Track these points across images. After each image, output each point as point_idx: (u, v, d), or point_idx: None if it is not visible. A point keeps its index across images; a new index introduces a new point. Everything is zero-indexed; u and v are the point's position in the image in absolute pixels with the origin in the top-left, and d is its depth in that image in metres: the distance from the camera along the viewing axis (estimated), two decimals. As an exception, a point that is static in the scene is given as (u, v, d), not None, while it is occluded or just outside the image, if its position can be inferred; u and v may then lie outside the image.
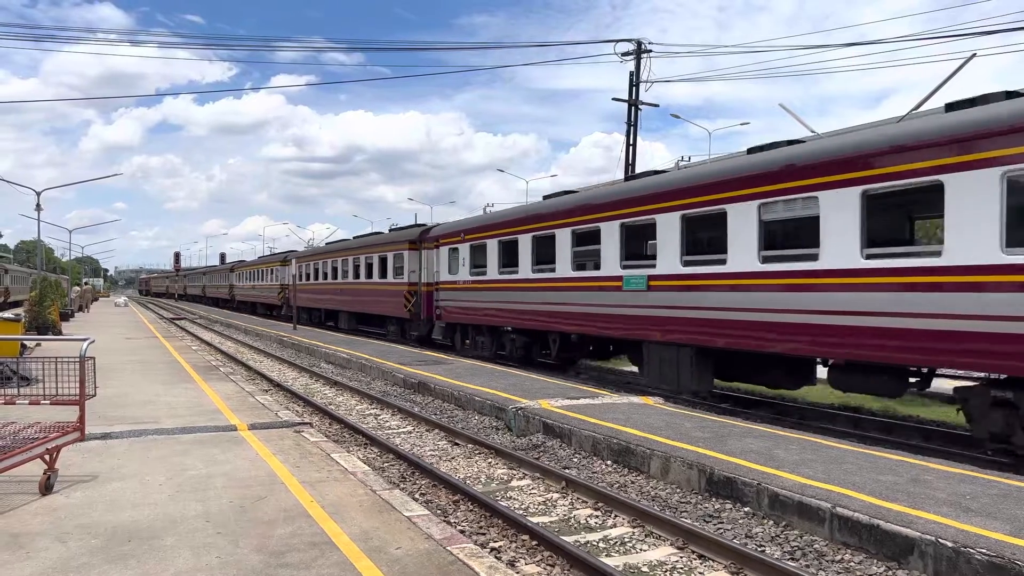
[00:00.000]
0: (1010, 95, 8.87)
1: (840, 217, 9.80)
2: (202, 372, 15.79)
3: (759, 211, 11.10)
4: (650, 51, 26.46)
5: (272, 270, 44.51)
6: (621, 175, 26.24)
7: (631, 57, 26.41)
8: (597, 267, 14.93)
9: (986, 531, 5.61)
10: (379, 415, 13.18)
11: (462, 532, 6.47)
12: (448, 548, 5.19)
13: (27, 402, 7.14)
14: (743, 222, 11.33)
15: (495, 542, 6.49)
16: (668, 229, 12.84)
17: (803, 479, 7.16)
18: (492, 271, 19.14)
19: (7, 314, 20.36)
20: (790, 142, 11.66)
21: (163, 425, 9.54)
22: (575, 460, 9.41)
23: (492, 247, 19.15)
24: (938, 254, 8.91)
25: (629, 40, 26.67)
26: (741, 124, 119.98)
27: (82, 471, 7.13)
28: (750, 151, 12.45)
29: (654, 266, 13.26)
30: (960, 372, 9.69)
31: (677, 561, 6.14)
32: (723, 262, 11.79)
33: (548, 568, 5.91)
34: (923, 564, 5.54)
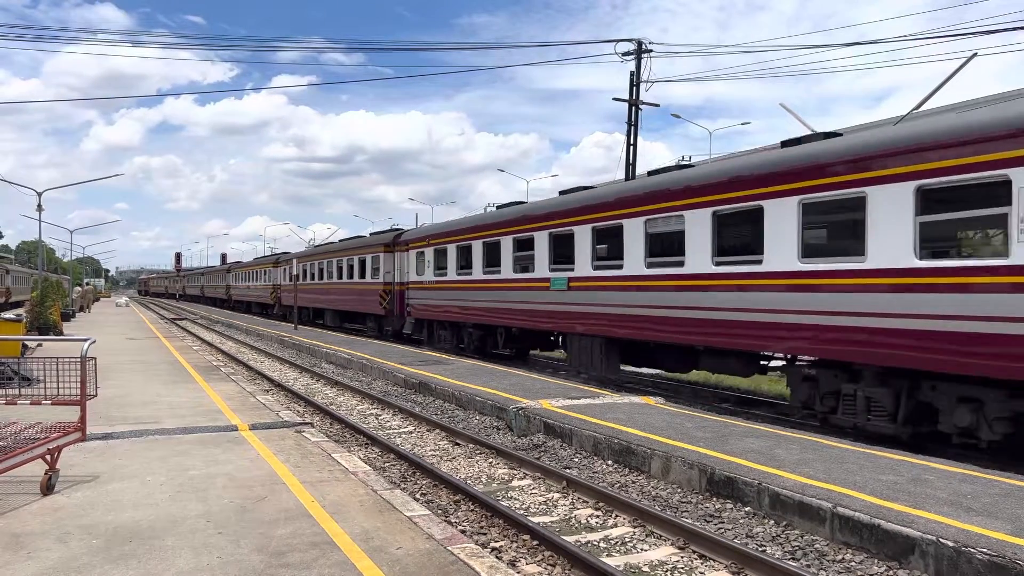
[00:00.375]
0: (828, 135, 11.30)
1: (698, 232, 12.37)
2: (203, 372, 15.80)
3: (646, 226, 13.66)
4: (651, 51, 26.45)
5: (266, 271, 46.63)
6: (622, 175, 26.28)
7: (632, 57, 26.40)
8: (532, 270, 17.40)
9: (987, 531, 5.61)
10: (380, 415, 13.19)
11: (463, 532, 6.47)
12: (449, 548, 5.19)
13: (28, 402, 7.14)
14: (635, 234, 13.85)
15: (496, 542, 6.49)
16: (583, 238, 15.43)
17: (804, 479, 7.16)
18: (451, 273, 21.61)
19: (9, 314, 20.39)
20: (680, 166, 14.83)
21: (164, 425, 9.55)
22: (576, 460, 9.41)
23: (451, 251, 21.67)
24: (759, 262, 11.25)
25: (630, 40, 26.67)
26: (742, 124, 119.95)
27: (83, 471, 7.14)
28: (650, 173, 15.22)
29: (573, 269, 15.73)
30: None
31: (678, 561, 6.14)
32: (621, 267, 14.26)
33: (549, 568, 5.92)
34: (924, 564, 5.54)
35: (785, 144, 11.91)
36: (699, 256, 12.30)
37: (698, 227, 12.32)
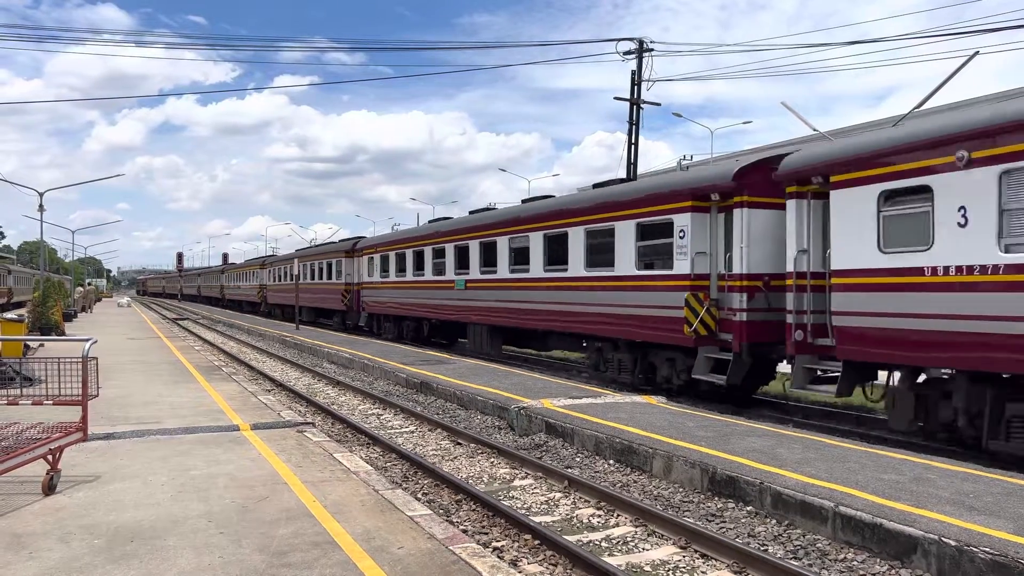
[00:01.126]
0: (623, 180, 17.90)
1: (536, 247, 17.44)
2: (204, 372, 15.81)
3: (510, 242, 18.67)
4: (652, 50, 26.46)
5: (254, 272, 52.19)
6: (623, 173, 26.31)
7: (633, 56, 26.40)
8: (444, 274, 22.38)
9: (989, 530, 5.60)
10: (382, 415, 13.19)
11: (464, 532, 6.46)
12: (450, 548, 5.19)
13: (30, 402, 7.14)
14: (504, 248, 18.92)
15: (497, 542, 6.49)
16: (475, 250, 20.43)
17: (806, 478, 7.15)
18: (392, 275, 26.60)
19: (10, 315, 20.40)
20: (535, 198, 20.03)
21: (166, 425, 9.55)
22: (578, 459, 9.41)
23: (392, 258, 26.63)
24: (566, 269, 16.29)
25: (631, 39, 26.69)
26: (743, 123, 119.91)
27: (85, 471, 7.14)
28: (525, 200, 20.08)
29: (468, 273, 20.78)
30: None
31: (680, 560, 6.14)
32: (495, 272, 19.34)
33: (551, 567, 5.91)
34: (926, 563, 5.53)
35: (597, 185, 17.31)
36: (537, 265, 17.38)
37: (538, 244, 17.44)
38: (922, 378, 9.81)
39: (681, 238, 12.97)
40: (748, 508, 7.15)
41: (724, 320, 12.53)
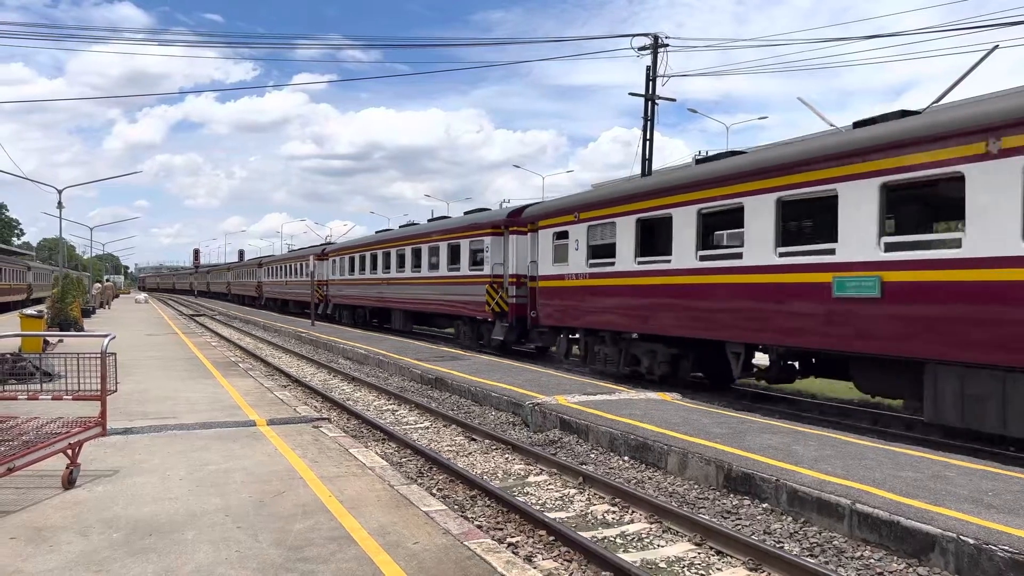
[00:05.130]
0: (478, 210, 26.25)
1: (411, 256, 25.89)
2: (221, 368, 15.92)
3: (429, 251, 25.17)
4: (667, 45, 26.32)
5: (252, 270, 61.30)
6: (638, 170, 26.24)
7: (648, 52, 26.29)
8: (376, 272, 30.55)
9: (1008, 528, 5.55)
10: (397, 411, 13.23)
11: (479, 527, 6.47)
12: (465, 543, 5.20)
13: (50, 397, 7.21)
14: (408, 255, 26.79)
15: (512, 537, 6.50)
16: (398, 256, 27.68)
17: (822, 475, 7.12)
18: (346, 274, 34.76)
19: (30, 311, 20.60)
20: (439, 218, 29.01)
21: (183, 420, 9.63)
22: (592, 456, 9.40)
23: (346, 261, 34.81)
24: (439, 270, 23.93)
25: (646, 34, 26.57)
26: (759, 118, 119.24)
27: (104, 466, 7.21)
28: (429, 218, 29.53)
29: (390, 272, 28.78)
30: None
31: (695, 557, 6.12)
32: (403, 271, 27.19)
33: (565, 563, 5.91)
34: (944, 561, 5.49)
35: (434, 218, 27.77)
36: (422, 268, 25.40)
37: (425, 254, 25.21)
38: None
39: (487, 252, 21.01)
40: (764, 505, 7.12)
41: (507, 302, 20.10)
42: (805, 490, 6.76)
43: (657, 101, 26.44)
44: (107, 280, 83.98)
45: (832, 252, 10.29)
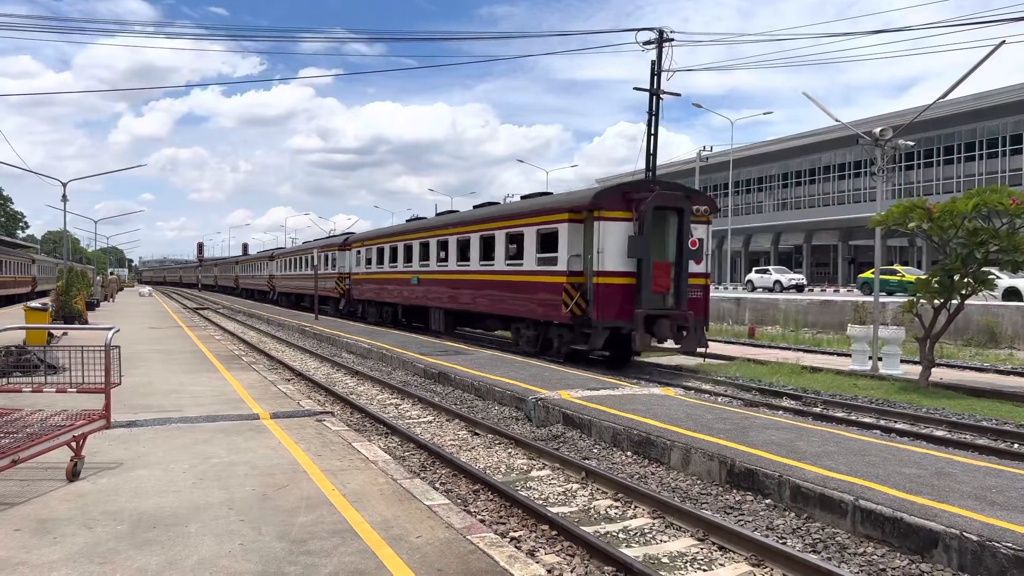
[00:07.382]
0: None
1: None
2: (225, 361, 15.94)
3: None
4: (672, 40, 26.28)
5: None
6: (643, 164, 26.21)
7: (653, 46, 26.22)
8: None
9: (1012, 525, 5.54)
10: (400, 404, 13.25)
11: (482, 521, 6.49)
12: (468, 537, 5.21)
13: (54, 390, 7.23)
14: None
15: (515, 531, 6.51)
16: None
17: (825, 471, 7.11)
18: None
19: (35, 303, 20.64)
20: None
21: (187, 413, 9.65)
22: (595, 451, 9.41)
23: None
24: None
25: (651, 29, 26.50)
26: (764, 113, 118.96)
27: (108, 458, 7.23)
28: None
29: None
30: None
31: (697, 552, 6.13)
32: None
33: (568, 558, 5.92)
34: (947, 558, 5.49)
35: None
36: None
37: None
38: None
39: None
40: (767, 501, 7.12)
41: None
42: (808, 486, 6.75)
43: (662, 96, 26.38)
44: (111, 273, 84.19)
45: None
